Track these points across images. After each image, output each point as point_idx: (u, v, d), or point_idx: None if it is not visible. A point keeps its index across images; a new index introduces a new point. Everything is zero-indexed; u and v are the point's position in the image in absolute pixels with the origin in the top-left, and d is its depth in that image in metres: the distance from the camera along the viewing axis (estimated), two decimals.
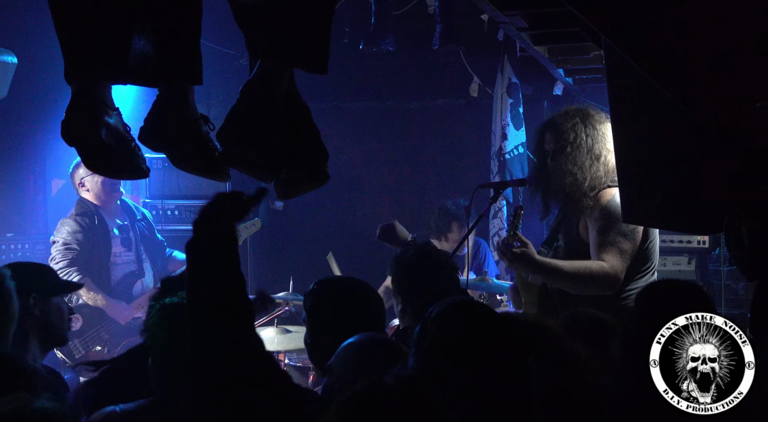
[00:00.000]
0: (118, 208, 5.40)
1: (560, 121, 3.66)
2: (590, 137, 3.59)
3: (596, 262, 3.50)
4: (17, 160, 5.85)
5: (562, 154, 3.60)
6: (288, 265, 6.12)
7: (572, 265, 3.52)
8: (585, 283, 3.50)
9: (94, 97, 2.29)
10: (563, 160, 3.59)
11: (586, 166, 3.57)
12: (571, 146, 3.59)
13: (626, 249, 3.51)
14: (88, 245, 5.19)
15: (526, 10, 4.22)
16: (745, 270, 2.82)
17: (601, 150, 3.58)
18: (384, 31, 5.67)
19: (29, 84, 5.34)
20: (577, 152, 3.58)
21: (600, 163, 3.57)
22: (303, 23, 2.29)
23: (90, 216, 5.23)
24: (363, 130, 6.96)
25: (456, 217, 5.55)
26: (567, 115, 3.68)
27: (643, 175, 3.10)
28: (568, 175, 3.58)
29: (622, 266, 3.49)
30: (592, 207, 3.56)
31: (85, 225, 5.20)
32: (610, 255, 3.49)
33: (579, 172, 3.57)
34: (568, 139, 3.60)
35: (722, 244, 5.11)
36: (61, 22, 2.29)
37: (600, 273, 3.47)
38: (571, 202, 3.60)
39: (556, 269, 3.53)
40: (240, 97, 2.32)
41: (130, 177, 2.50)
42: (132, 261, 5.38)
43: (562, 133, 3.62)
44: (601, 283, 3.48)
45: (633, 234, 3.52)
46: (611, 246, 3.50)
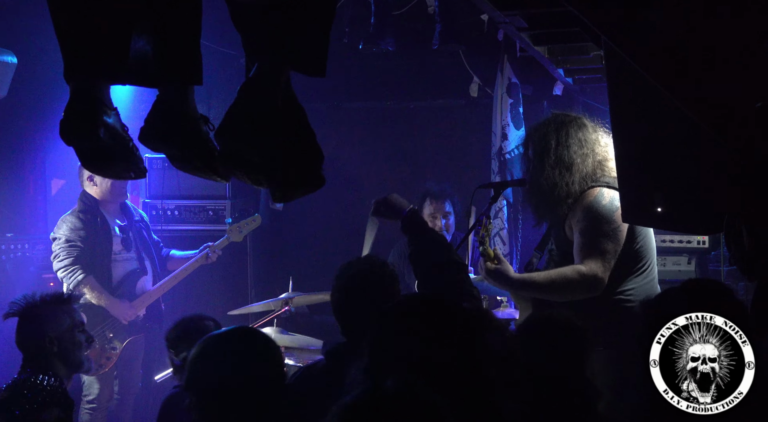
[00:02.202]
0: (118, 208, 5.41)
1: (534, 131, 3.75)
2: (561, 145, 3.62)
3: (571, 267, 3.51)
4: (17, 160, 5.85)
5: (535, 163, 3.67)
6: (288, 265, 6.11)
7: (547, 276, 3.54)
8: (564, 291, 3.51)
9: (93, 96, 2.29)
10: (535, 171, 3.66)
11: (555, 175, 3.61)
12: (539, 157, 3.65)
13: (608, 250, 3.51)
14: (90, 242, 5.20)
15: (526, 10, 4.22)
16: (745, 270, 2.82)
17: (573, 157, 3.60)
18: (384, 31, 5.67)
19: (29, 84, 5.34)
20: (546, 162, 3.63)
21: (573, 171, 3.59)
22: (302, 25, 2.29)
23: (92, 213, 5.24)
24: (363, 130, 6.96)
25: (428, 192, 5.60)
26: (542, 124, 3.75)
27: (643, 175, 3.10)
28: (540, 184, 3.63)
29: (602, 267, 3.49)
30: (574, 208, 3.58)
31: (88, 222, 5.21)
32: (590, 257, 3.49)
33: (545, 183, 3.61)
34: (537, 150, 3.67)
35: (722, 244, 5.10)
36: (61, 22, 2.29)
37: (576, 278, 3.47)
38: (557, 206, 3.62)
39: (531, 282, 3.55)
40: (237, 98, 2.32)
41: (127, 177, 2.50)
42: (133, 259, 5.39)
43: (535, 144, 3.69)
44: (581, 287, 3.49)
45: (615, 234, 3.51)
46: (591, 248, 3.50)
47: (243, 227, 5.63)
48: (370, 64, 6.57)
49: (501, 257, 3.57)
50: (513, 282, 3.57)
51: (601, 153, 3.63)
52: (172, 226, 6.00)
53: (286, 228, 6.81)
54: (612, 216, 3.50)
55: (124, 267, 5.34)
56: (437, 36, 5.70)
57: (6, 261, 5.50)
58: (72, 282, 5.10)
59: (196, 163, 2.40)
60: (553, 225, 3.76)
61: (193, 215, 6.03)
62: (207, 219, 5.89)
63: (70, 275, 5.10)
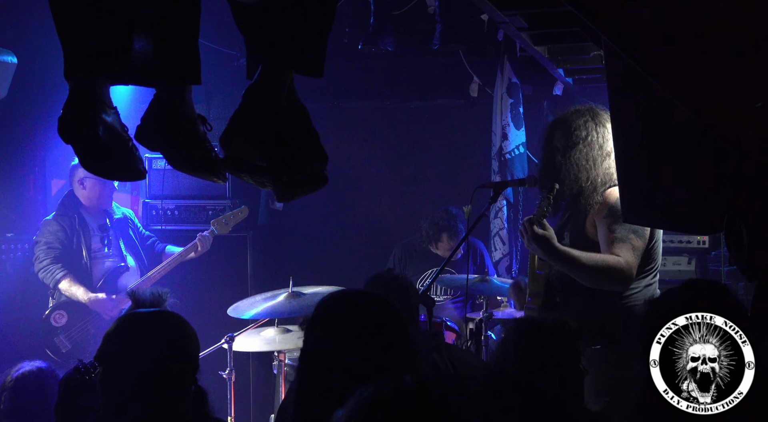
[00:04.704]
0: (100, 210, 5.48)
1: (571, 119, 3.69)
2: (600, 135, 3.63)
3: (613, 256, 3.49)
4: (17, 160, 5.85)
5: (574, 149, 3.62)
6: (288, 265, 6.11)
7: (590, 257, 3.51)
8: (601, 276, 3.49)
9: (93, 94, 2.28)
10: (576, 156, 3.61)
11: (599, 163, 3.60)
12: (583, 142, 3.61)
13: (638, 246, 3.51)
14: (70, 243, 5.30)
15: (526, 10, 4.22)
16: (745, 270, 2.82)
17: (611, 147, 3.59)
18: (383, 31, 5.67)
19: (29, 84, 5.34)
20: (589, 149, 3.61)
21: (611, 160, 3.59)
22: (302, 25, 2.29)
23: (71, 216, 5.34)
24: (363, 130, 6.96)
25: (446, 229, 5.61)
26: (578, 112, 3.70)
27: (643, 175, 3.09)
28: (582, 170, 3.59)
29: (635, 262, 3.50)
30: (600, 204, 3.57)
31: (65, 223, 5.32)
32: (624, 250, 3.48)
33: (592, 168, 3.59)
34: (580, 136, 3.62)
35: (722, 244, 5.10)
36: (61, 20, 2.28)
37: (617, 267, 3.46)
38: (582, 197, 3.60)
39: (574, 258, 3.50)
40: (242, 102, 2.32)
41: (126, 178, 2.48)
42: (114, 257, 5.46)
43: (574, 130, 3.64)
44: (617, 277, 3.48)
45: (643, 232, 3.53)
46: (624, 242, 3.50)
47: (229, 219, 5.63)
48: (370, 64, 6.57)
49: (547, 225, 3.53)
50: (556, 251, 3.51)
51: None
52: (172, 226, 6.01)
53: (286, 228, 6.80)
54: None
55: (105, 265, 5.42)
56: (437, 36, 5.70)
57: (6, 261, 5.52)
58: (51, 282, 5.22)
59: (193, 163, 2.40)
60: (569, 220, 3.74)
61: (193, 215, 6.04)
62: (207, 219, 5.89)
63: (49, 275, 5.22)
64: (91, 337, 5.25)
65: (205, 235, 5.50)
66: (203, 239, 5.49)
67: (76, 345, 5.22)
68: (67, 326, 5.23)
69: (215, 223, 5.58)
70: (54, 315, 5.24)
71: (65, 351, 5.21)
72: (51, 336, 5.23)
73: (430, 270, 5.70)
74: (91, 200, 5.37)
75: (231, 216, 5.65)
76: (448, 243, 5.62)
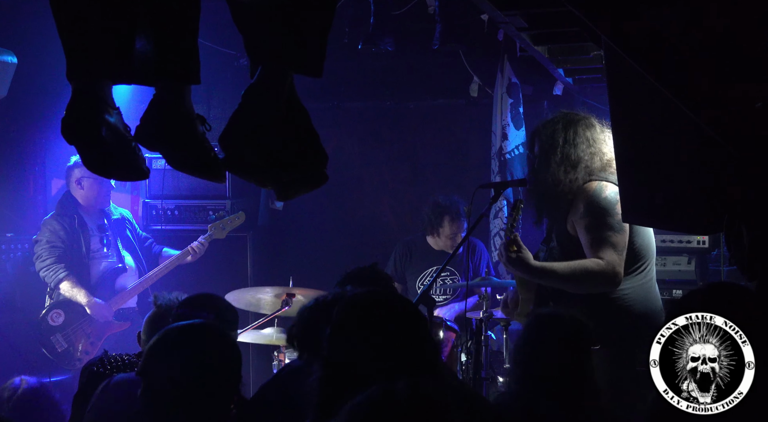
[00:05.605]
0: (98, 210, 5.50)
1: (542, 128, 3.76)
2: (568, 143, 3.65)
3: (591, 260, 3.52)
4: (17, 160, 5.86)
5: (540, 160, 3.69)
6: (288, 265, 6.12)
7: (568, 266, 3.54)
8: (584, 283, 3.51)
9: (95, 95, 2.29)
10: (540, 167, 3.69)
11: (560, 173, 3.63)
12: (546, 153, 3.67)
13: (618, 242, 3.52)
14: (69, 242, 5.33)
15: (526, 10, 4.22)
16: (745, 270, 2.82)
17: (580, 155, 3.63)
18: (383, 31, 5.67)
19: (29, 84, 5.34)
20: (552, 159, 3.65)
21: (579, 169, 3.62)
22: (302, 25, 2.29)
23: (70, 216, 5.38)
24: (363, 130, 6.96)
25: (447, 210, 5.58)
26: (551, 121, 3.77)
27: (643, 175, 3.09)
28: (544, 181, 3.66)
29: (618, 260, 3.51)
30: (575, 203, 3.60)
31: (65, 223, 5.35)
32: (604, 251, 3.50)
33: (549, 179, 3.64)
34: (544, 147, 3.69)
35: (722, 244, 5.10)
36: (63, 21, 2.29)
37: (596, 270, 3.48)
38: (559, 200, 3.64)
39: (551, 271, 3.56)
40: (242, 102, 2.32)
41: (129, 177, 2.49)
42: (111, 257, 5.50)
43: (542, 140, 3.71)
44: (600, 280, 3.50)
45: (621, 226, 3.54)
46: (603, 241, 3.51)
47: (226, 224, 5.69)
48: (370, 64, 6.57)
49: (522, 245, 3.58)
50: (533, 270, 3.58)
51: (609, 153, 3.64)
52: (172, 226, 6.02)
53: (286, 228, 6.81)
54: (614, 208, 3.51)
55: (103, 265, 5.45)
56: (437, 36, 5.69)
57: (6, 261, 5.53)
58: (53, 281, 5.25)
59: (192, 163, 2.40)
60: (554, 222, 3.77)
61: (193, 215, 6.05)
62: (207, 219, 5.90)
63: (51, 273, 5.25)
64: (87, 337, 5.30)
65: (198, 243, 5.52)
66: (199, 247, 5.52)
67: (72, 344, 5.24)
68: (63, 325, 5.26)
69: (212, 228, 5.63)
70: (51, 314, 5.26)
71: (61, 350, 5.23)
72: (47, 335, 5.25)
73: (431, 269, 5.69)
74: (89, 200, 5.41)
75: (228, 222, 5.71)
76: (449, 229, 5.58)
